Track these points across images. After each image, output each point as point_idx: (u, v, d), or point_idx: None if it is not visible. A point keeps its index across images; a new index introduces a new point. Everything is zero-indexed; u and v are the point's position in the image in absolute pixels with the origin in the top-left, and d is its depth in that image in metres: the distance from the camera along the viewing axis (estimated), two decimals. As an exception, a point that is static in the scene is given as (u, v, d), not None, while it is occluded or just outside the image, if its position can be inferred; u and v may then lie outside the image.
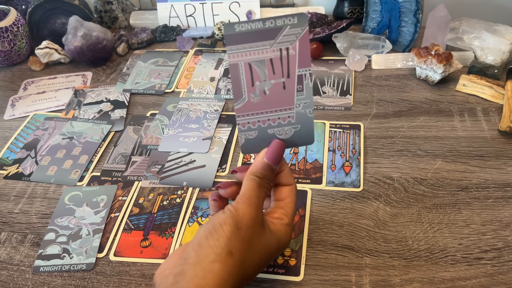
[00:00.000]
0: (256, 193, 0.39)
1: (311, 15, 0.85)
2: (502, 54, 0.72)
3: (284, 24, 0.37)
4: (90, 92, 0.78)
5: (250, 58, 0.38)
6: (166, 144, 0.65)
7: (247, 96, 0.40)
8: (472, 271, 0.46)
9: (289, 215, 0.41)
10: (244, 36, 0.37)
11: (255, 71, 0.39)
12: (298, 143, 0.43)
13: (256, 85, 0.39)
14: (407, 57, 0.77)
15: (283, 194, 0.42)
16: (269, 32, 0.38)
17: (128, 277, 0.49)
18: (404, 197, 0.54)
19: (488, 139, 0.61)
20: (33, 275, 0.50)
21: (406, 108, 0.68)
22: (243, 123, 0.41)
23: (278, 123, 0.41)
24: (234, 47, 0.38)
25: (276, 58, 0.39)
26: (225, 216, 0.37)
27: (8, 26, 0.83)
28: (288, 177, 0.42)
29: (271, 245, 0.39)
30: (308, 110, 0.41)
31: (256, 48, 0.38)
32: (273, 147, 0.41)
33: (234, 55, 0.38)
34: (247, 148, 0.42)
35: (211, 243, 0.35)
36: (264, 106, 0.40)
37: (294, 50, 0.38)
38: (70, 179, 0.62)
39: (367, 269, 0.47)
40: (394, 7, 0.77)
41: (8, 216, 0.58)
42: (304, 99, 0.40)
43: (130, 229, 0.54)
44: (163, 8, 0.93)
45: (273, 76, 0.39)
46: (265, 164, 0.40)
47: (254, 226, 0.37)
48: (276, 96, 0.40)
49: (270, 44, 0.38)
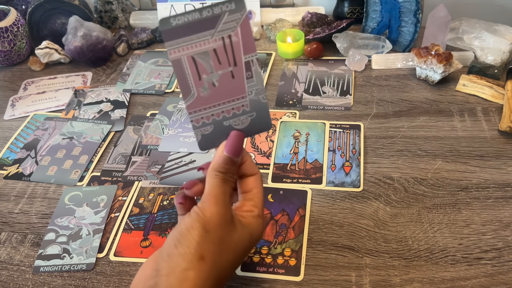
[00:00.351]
0: (221, 189, 0.37)
1: (311, 15, 0.85)
2: (502, 54, 0.72)
3: (222, 11, 0.36)
4: (90, 92, 0.78)
5: (192, 51, 0.37)
6: (166, 144, 0.65)
7: (196, 91, 0.38)
8: (472, 271, 0.46)
9: (258, 206, 0.40)
10: (182, 29, 0.36)
11: (200, 64, 0.37)
12: (256, 130, 0.41)
13: (203, 78, 0.38)
14: (407, 57, 0.77)
15: (249, 185, 0.41)
16: (207, 21, 0.36)
17: (128, 277, 0.49)
18: (404, 197, 0.54)
19: (488, 139, 0.61)
20: (33, 275, 0.50)
21: (406, 108, 0.68)
22: (197, 119, 0.39)
23: (232, 113, 0.40)
24: (173, 42, 0.36)
25: (219, 47, 0.37)
26: (191, 220, 0.36)
27: (8, 26, 0.83)
28: (252, 167, 0.41)
29: (243, 240, 0.38)
30: (261, 96, 0.39)
31: (197, 40, 0.36)
32: (232, 139, 0.40)
33: (175, 51, 0.36)
34: (204, 144, 0.41)
35: (181, 251, 0.35)
36: (216, 99, 0.39)
37: (236, 36, 0.37)
38: (70, 179, 0.62)
39: (367, 269, 0.47)
40: (394, 7, 0.77)
41: (8, 216, 0.58)
42: (255, 86, 0.39)
43: (130, 229, 0.54)
44: (163, 8, 0.93)
45: (220, 67, 0.38)
46: (226, 158, 0.39)
47: (223, 224, 0.36)
48: (226, 87, 0.38)
49: (211, 34, 0.36)
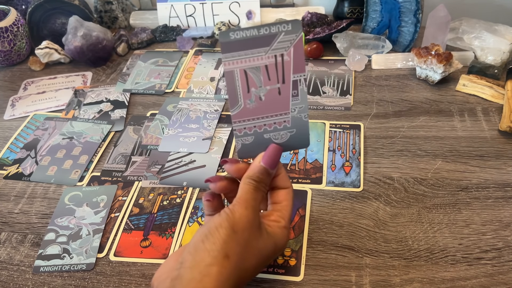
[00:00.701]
0: (253, 196, 0.39)
1: (311, 15, 0.85)
2: (502, 54, 0.72)
3: (279, 31, 0.38)
4: (90, 92, 0.78)
5: (245, 65, 0.39)
6: (166, 144, 0.65)
7: (243, 103, 0.40)
8: (472, 271, 0.46)
9: (285, 217, 0.41)
10: (239, 43, 0.38)
11: (250, 78, 0.39)
12: (294, 146, 0.43)
13: (251, 91, 0.40)
14: (407, 57, 0.77)
15: (280, 197, 0.42)
16: (264, 39, 0.38)
17: (128, 277, 0.49)
18: (404, 197, 0.54)
19: (488, 139, 0.61)
20: (33, 275, 0.50)
21: (406, 108, 0.68)
22: (239, 129, 0.42)
23: (274, 128, 0.42)
24: (229, 54, 0.38)
25: (271, 64, 0.39)
26: (221, 219, 0.37)
27: (8, 26, 0.83)
28: (285, 180, 0.43)
29: (268, 248, 0.39)
30: (303, 115, 0.41)
31: (251, 55, 0.38)
32: (270, 151, 0.41)
33: (230, 63, 0.39)
34: (243, 153, 0.43)
35: (208, 247, 0.35)
36: (260, 112, 0.41)
37: (288, 56, 0.39)
38: (70, 179, 0.62)
39: (367, 269, 0.47)
40: (394, 7, 0.77)
41: (8, 216, 0.58)
42: (299, 104, 0.41)
43: (130, 229, 0.54)
44: (163, 8, 0.93)
45: (269, 82, 0.40)
46: (261, 168, 0.41)
47: (251, 229, 0.37)
48: (272, 102, 0.40)
49: (265, 51, 0.38)
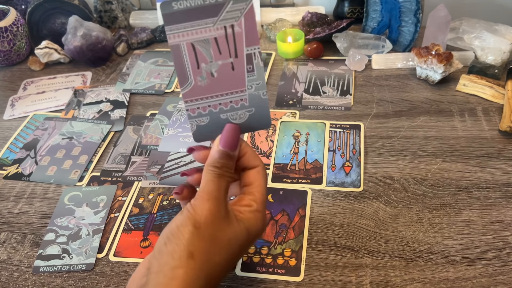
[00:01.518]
0: (216, 185, 0.36)
1: (311, 15, 0.85)
2: (502, 54, 0.72)
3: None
4: (90, 92, 0.78)
5: (192, 37, 0.36)
6: (166, 144, 0.65)
7: (193, 80, 0.37)
8: (473, 271, 0.46)
9: (257, 200, 0.38)
10: (184, 14, 0.35)
11: (199, 52, 0.36)
12: (254, 127, 0.40)
13: (202, 67, 0.37)
14: (407, 57, 0.77)
15: (250, 178, 0.40)
16: (210, 8, 0.35)
17: (128, 278, 0.49)
18: (404, 197, 0.54)
19: (489, 139, 0.61)
20: (33, 276, 0.50)
21: (407, 108, 0.68)
22: (192, 108, 0.38)
23: (230, 107, 0.38)
24: (174, 26, 0.35)
25: (221, 36, 0.36)
26: (182, 218, 0.35)
27: (8, 26, 0.83)
28: (253, 159, 0.40)
29: (239, 237, 0.37)
30: (261, 92, 0.38)
31: (198, 26, 0.35)
32: (226, 131, 0.38)
33: (175, 35, 0.35)
34: (199, 136, 0.40)
35: (170, 249, 0.34)
36: (213, 90, 0.38)
37: (239, 27, 0.36)
38: (69, 179, 0.62)
39: (368, 270, 0.47)
40: (395, 6, 0.77)
41: (8, 216, 0.57)
42: (256, 80, 0.38)
43: (130, 229, 0.54)
44: (163, 8, 0.93)
45: (220, 57, 0.36)
46: (221, 152, 0.37)
47: (215, 221, 0.35)
48: (225, 78, 0.37)
49: (213, 21, 0.35)
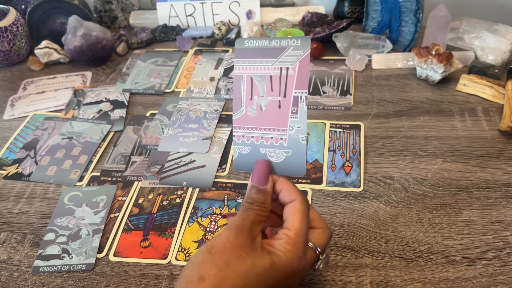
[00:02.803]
0: (241, 216, 0.38)
1: (311, 14, 0.85)
2: (502, 53, 0.72)
3: (288, 45, 0.39)
4: (90, 92, 0.78)
5: (252, 72, 0.40)
6: (166, 144, 0.65)
7: (244, 109, 0.41)
8: (473, 271, 0.46)
9: (290, 233, 0.38)
10: (251, 51, 0.40)
11: (255, 85, 0.40)
12: (288, 170, 0.41)
13: (254, 99, 0.40)
14: (407, 56, 0.77)
15: (286, 213, 0.40)
16: (273, 50, 0.39)
17: (128, 278, 0.49)
18: (404, 197, 0.54)
19: (489, 139, 0.61)
20: (33, 276, 0.50)
21: (407, 108, 0.68)
22: (238, 135, 0.41)
23: (270, 143, 0.41)
24: (240, 60, 0.40)
25: (275, 76, 0.40)
26: (202, 246, 0.37)
27: (8, 26, 0.83)
28: (289, 193, 0.40)
29: (260, 266, 0.36)
30: (301, 136, 0.40)
31: (259, 63, 0.40)
32: (257, 167, 0.40)
33: (240, 68, 0.40)
34: (239, 164, 0.42)
35: (186, 273, 0.36)
36: (259, 122, 0.41)
37: (293, 71, 0.39)
38: (69, 179, 0.62)
39: (368, 270, 0.47)
40: (395, 6, 0.77)
41: (8, 216, 0.57)
42: (297, 123, 0.40)
43: (130, 229, 0.54)
44: (162, 7, 0.93)
45: (271, 93, 0.40)
46: (252, 187, 0.39)
47: (232, 248, 0.36)
48: (271, 114, 0.40)
49: (272, 62, 0.39)
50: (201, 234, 0.52)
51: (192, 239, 0.52)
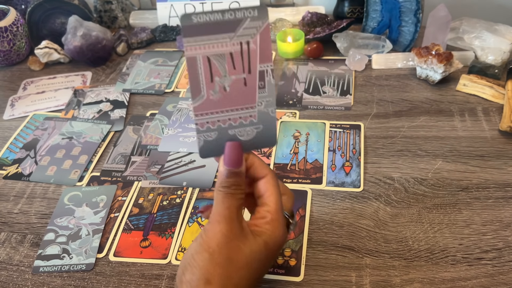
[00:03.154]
0: (225, 205, 0.36)
1: (311, 14, 0.85)
2: (502, 54, 0.72)
3: (244, 16, 0.35)
4: (90, 92, 0.78)
5: (209, 51, 0.36)
6: (166, 144, 0.65)
7: (206, 93, 0.37)
8: (473, 271, 0.46)
9: (271, 209, 0.38)
10: (202, 27, 0.35)
11: (214, 66, 0.36)
12: (260, 144, 0.40)
13: (215, 80, 0.37)
14: (407, 57, 0.77)
15: (261, 189, 0.39)
16: (228, 24, 0.35)
17: (127, 277, 0.49)
18: (404, 197, 0.54)
19: (489, 139, 0.61)
20: (33, 276, 0.50)
21: (407, 108, 0.68)
22: (202, 122, 0.38)
23: (239, 123, 0.38)
24: (191, 39, 0.35)
25: (236, 52, 0.36)
26: (196, 245, 0.36)
27: (8, 26, 0.83)
28: (260, 169, 0.39)
29: (257, 252, 0.36)
30: (270, 109, 0.38)
31: (215, 41, 0.35)
32: (228, 150, 0.38)
33: (192, 48, 0.35)
34: (206, 152, 0.39)
35: (188, 278, 0.35)
36: (225, 104, 0.38)
37: (255, 44, 0.36)
38: (69, 179, 0.62)
39: (368, 270, 0.47)
40: (395, 6, 0.77)
41: (8, 216, 0.57)
42: (266, 97, 0.38)
43: (130, 229, 0.54)
44: (162, 7, 0.93)
45: (234, 72, 0.37)
46: (227, 171, 0.37)
47: (229, 242, 0.35)
48: (237, 93, 0.37)
49: (230, 37, 0.35)
50: (201, 234, 0.52)
51: (192, 239, 0.52)
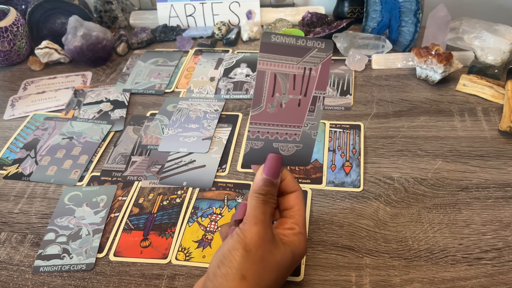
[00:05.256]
0: (261, 210, 0.39)
1: (311, 15, 0.85)
2: (502, 54, 0.72)
3: (313, 46, 0.40)
4: (90, 92, 0.78)
5: (277, 69, 0.40)
6: (166, 144, 0.65)
7: (264, 105, 0.41)
8: (473, 271, 0.46)
9: (299, 223, 0.41)
10: (277, 47, 0.40)
11: (278, 83, 0.41)
12: (296, 162, 0.44)
13: (275, 96, 0.41)
14: (407, 57, 0.77)
15: (290, 202, 0.42)
16: (299, 50, 0.40)
17: (128, 277, 0.49)
18: (404, 197, 0.54)
19: (488, 139, 0.61)
20: (33, 275, 0.50)
21: (406, 108, 0.68)
22: (253, 131, 0.42)
23: (284, 138, 0.43)
24: (266, 55, 0.40)
25: (299, 75, 0.41)
26: (233, 241, 0.37)
27: (8, 26, 0.83)
28: (292, 184, 0.43)
29: (285, 259, 0.39)
30: (313, 132, 0.43)
31: (285, 61, 0.40)
32: (270, 161, 0.42)
33: (265, 63, 0.40)
34: (249, 158, 0.43)
35: (224, 272, 0.36)
36: (277, 119, 0.42)
37: (315, 72, 0.41)
38: (70, 179, 0.62)
39: (367, 269, 0.47)
40: (394, 6, 0.77)
41: (8, 216, 0.57)
42: (313, 120, 0.42)
43: (130, 229, 0.54)
44: (163, 8, 0.93)
45: (292, 92, 0.41)
46: (265, 180, 0.41)
47: (264, 244, 0.38)
48: (290, 112, 0.42)
49: (297, 61, 0.40)
50: (201, 234, 0.52)
51: (192, 239, 0.52)
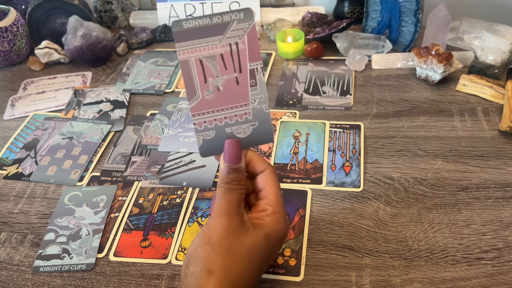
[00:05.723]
0: (226, 199, 0.38)
1: (311, 15, 0.85)
2: (502, 54, 0.72)
3: (231, 19, 0.38)
4: (90, 92, 0.78)
5: (200, 54, 0.38)
6: (166, 144, 0.65)
7: (200, 94, 0.40)
8: (473, 271, 0.46)
9: (272, 203, 0.39)
10: (192, 32, 0.38)
11: (206, 67, 0.39)
12: (257, 141, 0.42)
13: (209, 81, 0.39)
14: (407, 57, 0.77)
15: (260, 183, 0.41)
16: (217, 27, 0.38)
17: (128, 277, 0.49)
18: (404, 197, 0.54)
19: (489, 139, 0.61)
20: (33, 275, 0.50)
21: (406, 108, 0.68)
22: (199, 122, 0.40)
23: (235, 120, 0.41)
24: (183, 43, 0.38)
25: (226, 53, 0.39)
26: (198, 239, 0.37)
27: (8, 26, 0.83)
28: (259, 164, 0.41)
29: (258, 244, 0.37)
30: (264, 106, 0.41)
31: (205, 44, 0.38)
32: (227, 147, 0.40)
33: (184, 52, 0.38)
34: (205, 150, 0.41)
35: (192, 270, 0.36)
36: (219, 103, 0.40)
37: (243, 44, 0.39)
38: (69, 179, 0.62)
39: (367, 269, 0.47)
40: (395, 6, 0.77)
41: (8, 216, 0.57)
42: (258, 94, 0.40)
43: (130, 229, 0.54)
44: (163, 8, 0.93)
45: (225, 72, 0.39)
46: (227, 167, 0.39)
47: (229, 234, 0.37)
48: (230, 92, 0.40)
49: (219, 39, 0.38)
50: (201, 234, 0.52)
51: (192, 239, 0.52)
